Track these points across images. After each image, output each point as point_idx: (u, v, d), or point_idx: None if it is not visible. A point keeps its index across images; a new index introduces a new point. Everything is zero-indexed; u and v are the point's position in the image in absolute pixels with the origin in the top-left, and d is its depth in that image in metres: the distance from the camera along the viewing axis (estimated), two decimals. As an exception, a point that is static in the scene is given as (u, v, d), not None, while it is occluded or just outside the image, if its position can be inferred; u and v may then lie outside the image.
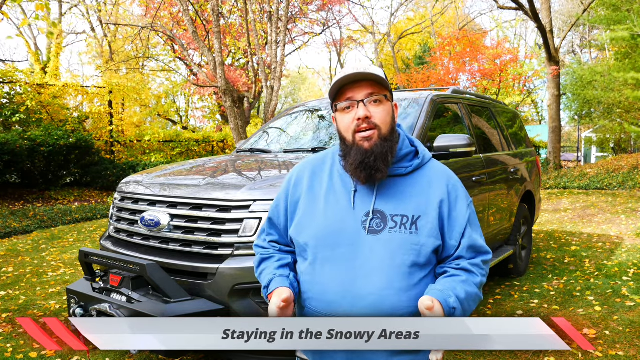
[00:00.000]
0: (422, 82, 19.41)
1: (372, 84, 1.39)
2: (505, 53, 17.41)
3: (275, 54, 9.56)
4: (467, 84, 18.66)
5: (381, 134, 1.38)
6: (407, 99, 3.78)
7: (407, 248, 1.34)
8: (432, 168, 1.47)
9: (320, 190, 1.47)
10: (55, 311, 4.07)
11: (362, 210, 1.39)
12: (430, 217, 1.38)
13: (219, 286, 2.43)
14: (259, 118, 21.94)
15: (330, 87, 1.43)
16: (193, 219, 2.63)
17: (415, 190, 1.41)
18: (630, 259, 5.40)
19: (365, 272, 1.34)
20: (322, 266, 1.39)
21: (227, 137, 14.92)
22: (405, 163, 1.45)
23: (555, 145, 14.87)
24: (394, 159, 1.41)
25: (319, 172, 1.51)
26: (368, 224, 1.37)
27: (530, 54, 23.21)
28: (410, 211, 1.38)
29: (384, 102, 1.40)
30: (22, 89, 11.52)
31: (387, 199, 1.39)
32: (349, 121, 1.39)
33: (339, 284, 1.35)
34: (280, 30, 9.64)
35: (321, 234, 1.40)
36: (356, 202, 1.40)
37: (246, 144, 4.20)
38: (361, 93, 1.38)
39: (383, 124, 1.39)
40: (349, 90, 1.40)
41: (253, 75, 11.27)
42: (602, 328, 3.49)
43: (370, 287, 1.33)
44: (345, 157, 1.42)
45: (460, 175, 3.62)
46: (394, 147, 1.41)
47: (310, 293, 1.41)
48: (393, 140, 1.41)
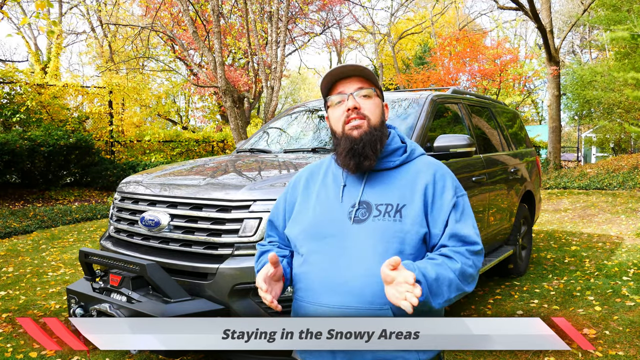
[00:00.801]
0: (422, 82, 19.41)
1: (361, 80, 1.46)
2: (505, 53, 17.42)
3: (275, 54, 9.56)
4: (467, 84, 18.66)
5: (370, 124, 1.43)
6: (407, 99, 3.79)
7: (390, 235, 1.35)
8: (422, 161, 1.49)
9: (314, 189, 1.53)
10: (56, 311, 4.07)
11: (350, 202, 1.43)
12: (415, 205, 1.38)
13: (219, 286, 2.43)
14: (259, 118, 21.94)
15: (322, 81, 1.49)
16: (193, 219, 2.63)
17: (402, 181, 1.44)
18: (630, 259, 5.40)
19: (348, 260, 1.36)
20: (310, 257, 1.43)
21: (227, 137, 14.92)
22: (393, 157, 1.48)
23: (555, 145, 14.87)
24: (382, 150, 1.45)
25: (315, 175, 1.57)
26: (353, 214, 1.40)
27: (530, 54, 23.20)
28: (395, 200, 1.39)
29: (373, 96, 1.46)
30: (22, 89, 11.52)
31: (373, 190, 1.43)
32: (339, 114, 1.45)
33: (323, 273, 1.38)
34: (280, 30, 9.64)
35: (309, 227, 1.45)
36: (344, 195, 1.45)
37: (246, 144, 4.20)
38: (351, 87, 1.45)
39: (372, 114, 1.44)
40: (339, 85, 1.47)
41: (253, 75, 11.27)
42: (602, 328, 3.49)
43: (352, 274, 1.34)
44: (336, 149, 1.47)
45: (460, 175, 3.62)
46: (383, 138, 1.45)
47: (300, 284, 1.45)
48: (383, 132, 1.46)
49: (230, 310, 2.41)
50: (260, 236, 2.46)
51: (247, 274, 2.40)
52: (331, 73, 1.46)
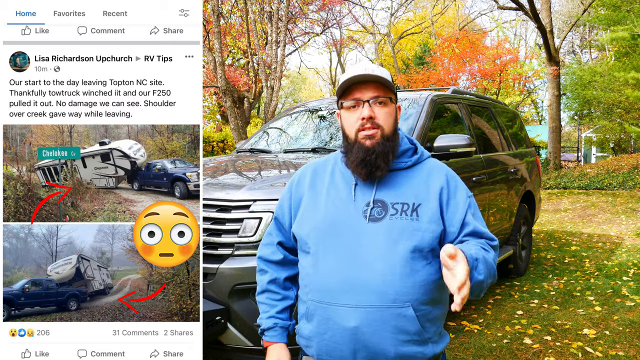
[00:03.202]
0: (422, 82, 19.41)
1: (378, 86, 1.43)
2: (505, 53, 17.40)
3: (275, 54, 9.56)
4: (467, 84, 18.66)
5: (384, 134, 1.42)
6: (407, 99, 3.78)
7: (409, 234, 1.36)
8: (431, 163, 1.53)
9: (322, 187, 1.51)
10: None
11: (363, 201, 1.42)
12: (431, 204, 1.40)
13: (219, 286, 2.43)
14: (259, 118, 21.95)
15: (339, 85, 1.46)
16: (193, 219, 2.63)
17: (415, 180, 1.45)
18: (630, 259, 5.40)
19: (367, 259, 1.35)
20: (324, 257, 1.40)
21: (227, 137, 14.92)
22: (404, 158, 1.49)
23: (555, 145, 14.87)
24: (395, 157, 1.45)
25: (321, 172, 1.55)
26: (369, 213, 1.39)
27: (530, 54, 23.20)
28: (410, 199, 1.40)
29: (388, 104, 1.44)
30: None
31: (387, 190, 1.43)
32: (353, 120, 1.43)
33: (341, 273, 1.36)
34: (280, 30, 9.64)
35: (322, 225, 1.43)
36: (357, 194, 1.44)
37: (246, 144, 4.20)
38: (367, 94, 1.42)
39: (386, 124, 1.43)
40: (356, 90, 1.43)
41: (253, 75, 11.27)
42: (602, 328, 3.49)
43: (373, 273, 1.34)
44: (347, 154, 1.46)
45: (460, 175, 3.60)
46: (395, 147, 1.45)
47: (312, 285, 1.43)
48: (395, 141, 1.45)
49: (230, 310, 2.42)
50: (260, 236, 2.46)
51: (248, 274, 2.39)
52: (349, 79, 1.42)
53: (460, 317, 3.81)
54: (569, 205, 9.50)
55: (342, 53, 29.11)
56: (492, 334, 3.44)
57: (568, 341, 3.30)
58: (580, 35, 26.93)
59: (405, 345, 1.34)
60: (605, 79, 15.37)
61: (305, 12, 16.34)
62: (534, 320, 3.68)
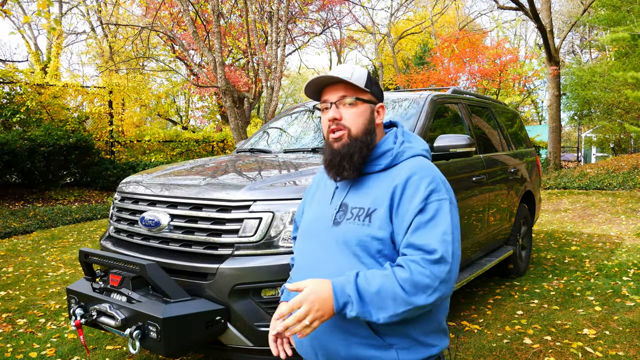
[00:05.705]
0: (422, 82, 19.40)
1: (346, 87, 1.43)
2: (505, 53, 17.39)
3: (275, 54, 9.56)
4: (467, 84, 18.65)
5: (351, 135, 1.42)
6: (407, 99, 3.78)
7: (358, 239, 1.36)
8: (408, 164, 1.41)
9: (319, 189, 1.60)
10: (55, 311, 4.07)
11: (336, 204, 1.47)
12: (382, 209, 1.36)
13: (219, 286, 2.43)
14: (259, 118, 21.94)
15: (305, 89, 1.51)
16: (193, 219, 2.63)
17: (380, 184, 1.40)
18: (630, 259, 5.40)
19: (322, 260, 1.42)
20: (299, 257, 1.53)
21: (227, 137, 14.92)
22: (380, 160, 1.45)
23: (555, 145, 14.86)
24: (364, 159, 1.42)
25: (324, 176, 1.61)
26: (335, 217, 1.44)
27: (530, 54, 23.20)
28: (367, 204, 1.39)
29: (357, 104, 1.43)
30: (22, 89, 11.51)
31: (355, 194, 1.45)
32: (325, 121, 1.48)
33: (305, 273, 1.45)
34: (280, 30, 9.64)
35: (304, 227, 1.55)
36: (334, 197, 1.49)
37: (246, 144, 4.20)
38: (334, 95, 1.44)
39: (353, 125, 1.43)
40: (326, 91, 1.47)
41: (253, 75, 11.26)
42: (602, 328, 3.49)
43: (324, 274, 1.35)
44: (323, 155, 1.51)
45: (460, 175, 3.63)
46: (364, 149, 1.42)
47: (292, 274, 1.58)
48: (365, 142, 1.42)
49: (230, 310, 2.42)
50: (260, 236, 2.46)
51: (247, 274, 2.40)
52: (314, 82, 1.46)
53: (460, 317, 3.81)
54: (569, 205, 9.50)
55: (342, 53, 29.10)
56: (492, 334, 3.44)
57: (568, 341, 3.30)
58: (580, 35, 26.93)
59: (357, 347, 1.34)
60: (605, 79, 15.38)
61: (305, 12, 16.32)
62: (534, 320, 3.68)
